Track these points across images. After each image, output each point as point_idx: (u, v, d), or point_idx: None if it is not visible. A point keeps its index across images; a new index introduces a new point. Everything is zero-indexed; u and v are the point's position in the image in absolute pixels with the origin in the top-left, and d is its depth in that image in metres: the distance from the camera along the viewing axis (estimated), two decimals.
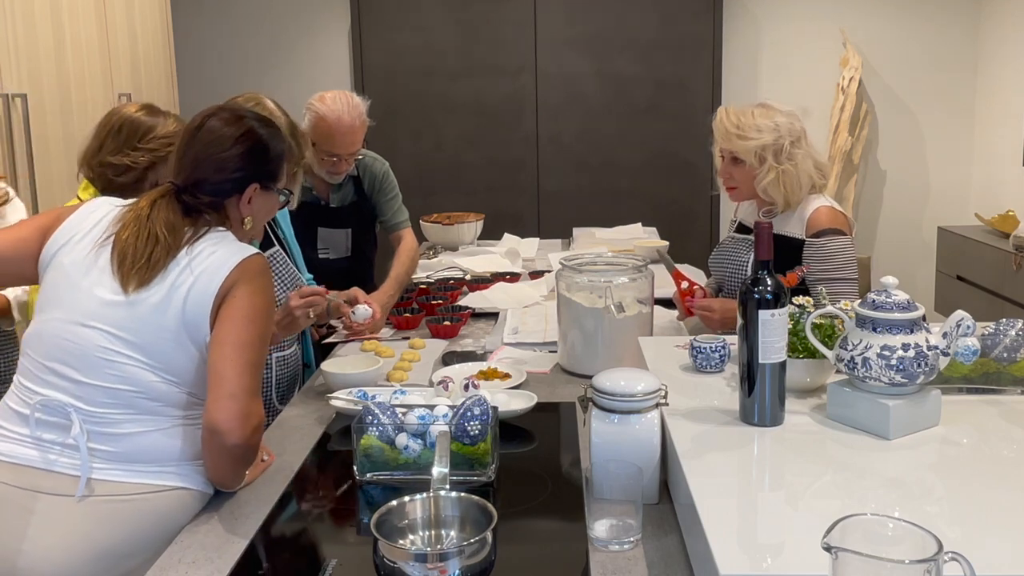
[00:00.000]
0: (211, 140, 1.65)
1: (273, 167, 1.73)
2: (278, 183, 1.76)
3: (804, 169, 2.27)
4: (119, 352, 1.53)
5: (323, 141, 2.75)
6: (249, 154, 1.67)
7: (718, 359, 1.73)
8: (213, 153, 1.65)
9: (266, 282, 1.61)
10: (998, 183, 5.13)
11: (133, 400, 1.54)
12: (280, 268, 2.23)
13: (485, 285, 3.08)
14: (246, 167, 1.67)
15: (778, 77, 5.31)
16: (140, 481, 1.52)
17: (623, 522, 1.36)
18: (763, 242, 1.46)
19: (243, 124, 1.68)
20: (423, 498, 1.37)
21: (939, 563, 0.85)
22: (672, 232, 4.26)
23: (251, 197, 1.69)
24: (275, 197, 1.77)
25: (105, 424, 1.53)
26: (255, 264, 1.60)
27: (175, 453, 1.56)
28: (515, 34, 5.02)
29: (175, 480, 1.54)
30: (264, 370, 2.13)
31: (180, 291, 1.55)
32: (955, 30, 5.27)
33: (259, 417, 1.52)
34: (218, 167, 1.65)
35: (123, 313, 1.54)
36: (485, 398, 1.63)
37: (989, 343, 1.59)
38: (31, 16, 2.98)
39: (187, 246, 1.58)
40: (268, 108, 2.11)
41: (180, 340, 1.55)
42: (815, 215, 2.27)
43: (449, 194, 5.08)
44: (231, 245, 1.61)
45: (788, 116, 2.28)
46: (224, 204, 1.67)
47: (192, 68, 5.09)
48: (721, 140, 2.32)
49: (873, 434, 1.39)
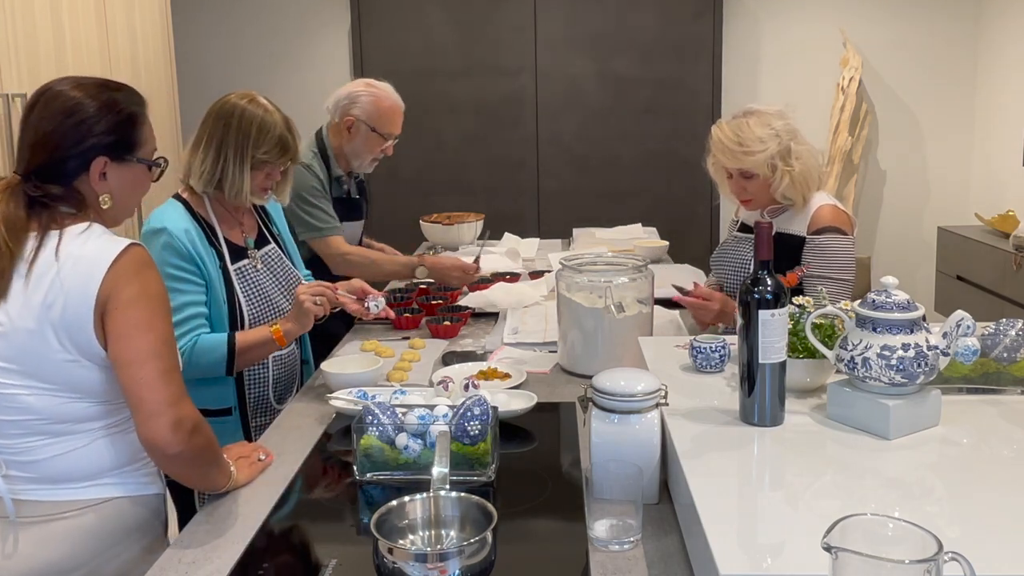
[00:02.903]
0: (42, 118, 1.49)
1: (121, 134, 1.53)
2: (136, 151, 1.56)
3: (812, 163, 2.27)
4: (11, 384, 1.44)
5: (386, 122, 2.93)
6: (82, 124, 1.49)
7: (718, 359, 1.72)
8: (45, 131, 1.48)
9: (146, 275, 1.47)
10: (998, 183, 5.13)
11: (41, 427, 1.46)
12: (275, 265, 2.23)
13: (485, 285, 3.08)
14: (82, 139, 1.49)
15: (778, 77, 5.31)
16: (72, 498, 1.48)
17: (623, 522, 1.36)
18: (763, 242, 1.46)
19: (69, 95, 1.50)
20: (423, 498, 1.37)
21: (939, 563, 0.85)
22: (672, 232, 4.26)
23: (102, 172, 1.52)
24: (140, 169, 1.58)
25: (20, 453, 1.47)
26: (128, 263, 1.45)
27: (104, 465, 1.50)
28: (515, 34, 5.02)
29: (110, 491, 1.50)
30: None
31: (54, 312, 1.42)
32: (955, 30, 5.27)
33: (191, 419, 1.46)
34: (54, 146, 1.48)
35: (3, 344, 1.43)
36: (485, 398, 1.63)
37: (989, 343, 1.59)
38: (31, 16, 2.98)
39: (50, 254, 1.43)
40: (261, 104, 2.10)
41: (74, 360, 1.44)
42: (818, 213, 2.26)
43: (449, 194, 5.08)
44: (95, 244, 1.45)
45: (780, 116, 2.26)
46: (78, 189, 1.51)
47: (192, 68, 5.08)
48: (727, 160, 2.27)
49: (873, 434, 1.39)
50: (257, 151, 2.07)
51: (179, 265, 1.98)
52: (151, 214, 2.05)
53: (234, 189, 2.07)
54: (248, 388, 2.14)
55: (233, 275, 2.09)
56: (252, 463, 1.66)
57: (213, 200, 2.12)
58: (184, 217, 2.04)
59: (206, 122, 2.10)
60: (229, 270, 2.08)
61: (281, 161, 2.12)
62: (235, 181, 2.07)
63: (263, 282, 2.16)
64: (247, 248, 2.17)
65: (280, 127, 2.10)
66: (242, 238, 2.18)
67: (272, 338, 2.02)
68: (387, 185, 5.15)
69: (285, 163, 2.14)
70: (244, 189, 2.08)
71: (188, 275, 1.99)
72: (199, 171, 2.07)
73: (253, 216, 2.26)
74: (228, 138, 2.06)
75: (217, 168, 2.06)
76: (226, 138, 2.06)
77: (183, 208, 2.06)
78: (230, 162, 2.06)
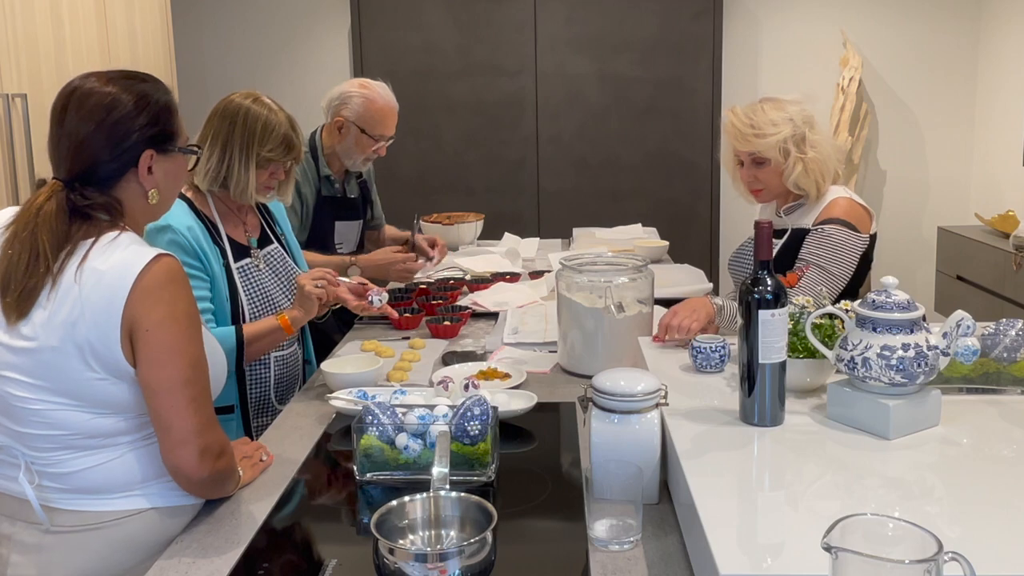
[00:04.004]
0: (79, 120, 1.43)
1: (163, 124, 1.49)
2: (176, 141, 1.53)
3: (828, 153, 2.22)
4: (40, 400, 1.41)
5: (376, 124, 2.90)
6: (123, 120, 1.44)
7: (718, 359, 1.73)
8: (86, 132, 1.42)
9: (175, 291, 1.42)
10: (998, 183, 5.12)
11: (71, 441, 1.44)
12: (278, 265, 2.24)
13: (485, 285, 3.08)
14: (126, 135, 1.44)
15: (778, 77, 5.31)
16: (104, 509, 1.47)
17: (623, 522, 1.36)
18: (763, 242, 1.46)
19: (103, 92, 1.44)
20: (423, 498, 1.37)
21: (939, 563, 0.85)
22: (672, 232, 4.26)
23: (149, 166, 1.47)
24: (181, 159, 1.55)
25: (51, 465, 1.45)
26: (153, 280, 1.39)
27: (135, 476, 1.48)
28: (515, 34, 5.01)
29: (142, 502, 1.48)
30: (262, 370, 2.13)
31: (79, 332, 1.37)
32: (955, 30, 5.27)
33: (219, 444, 1.46)
34: (99, 147, 1.43)
35: (30, 361, 1.40)
36: (485, 398, 1.63)
37: (989, 343, 1.59)
38: (31, 16, 2.98)
39: (73, 269, 1.38)
40: (266, 103, 2.12)
41: (102, 378, 1.41)
42: (833, 204, 2.21)
43: (449, 194, 5.08)
44: (120, 256, 1.40)
45: (797, 104, 2.22)
46: (118, 196, 1.46)
47: (192, 68, 5.08)
48: (739, 143, 2.23)
49: (873, 434, 1.39)
50: (262, 149, 2.08)
51: (185, 262, 1.98)
52: None
53: (239, 187, 2.09)
54: (249, 387, 2.15)
55: (236, 273, 2.10)
56: (255, 464, 1.66)
57: (216, 198, 2.14)
58: (188, 214, 2.05)
59: (211, 121, 2.11)
60: (232, 268, 2.10)
61: (286, 159, 2.14)
62: (240, 179, 2.08)
63: (265, 281, 2.17)
64: (250, 247, 2.18)
65: (285, 126, 2.12)
66: (245, 237, 2.19)
67: (279, 326, 2.04)
68: (387, 185, 5.15)
69: (289, 162, 2.16)
70: (250, 187, 2.09)
71: (194, 271, 2.00)
72: (204, 169, 2.08)
73: (256, 216, 2.27)
74: (234, 136, 2.08)
75: (223, 166, 2.08)
76: (232, 136, 2.08)
77: (186, 206, 2.07)
78: (236, 160, 2.08)
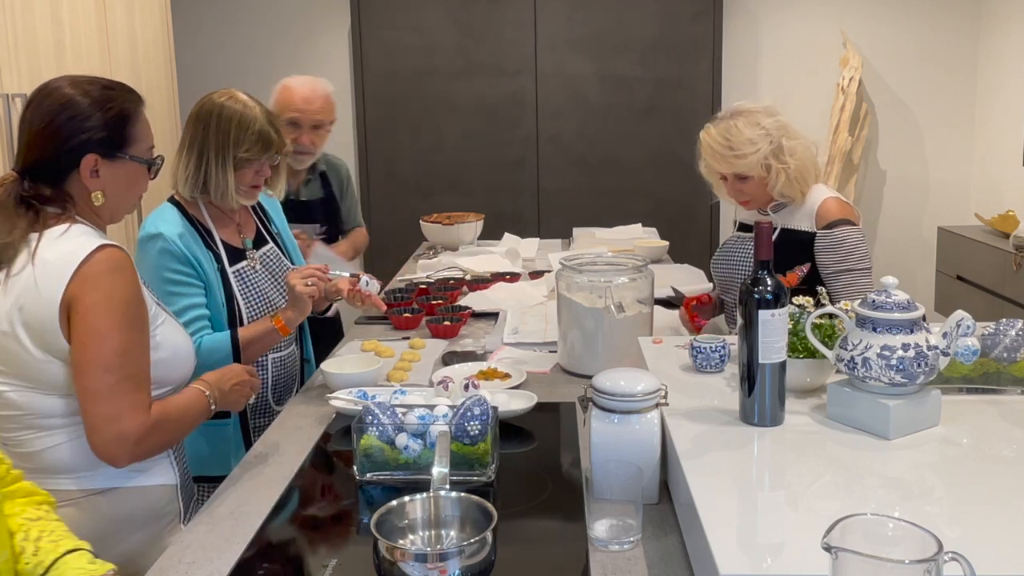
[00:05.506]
0: (36, 115, 1.52)
1: (112, 130, 1.54)
2: (127, 149, 1.56)
3: (807, 156, 2.24)
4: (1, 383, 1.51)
5: (284, 107, 2.86)
6: (73, 120, 1.51)
7: (718, 359, 1.72)
8: (39, 127, 1.51)
9: (114, 279, 1.47)
10: (998, 183, 5.13)
11: (29, 422, 1.52)
12: (274, 265, 2.23)
13: (485, 285, 3.08)
14: (72, 135, 1.50)
15: (778, 77, 5.31)
16: (67, 488, 1.52)
17: (623, 522, 1.36)
18: (763, 242, 1.46)
19: (63, 92, 1.52)
20: (423, 498, 1.37)
21: (939, 563, 0.85)
22: (672, 232, 4.26)
23: (93, 169, 1.53)
24: (133, 166, 1.59)
25: (18, 445, 1.54)
26: (96, 265, 1.46)
27: (93, 457, 1.51)
28: (515, 34, 5.01)
29: (104, 481, 1.55)
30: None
31: (25, 314, 1.45)
32: (955, 30, 5.27)
33: (135, 433, 1.47)
34: (46, 142, 1.50)
35: None
36: (485, 398, 1.63)
37: (989, 343, 1.59)
38: (31, 16, 2.98)
39: (25, 258, 1.46)
40: (240, 100, 2.06)
41: (48, 360, 1.48)
42: (824, 206, 2.23)
43: (449, 194, 5.08)
44: (68, 246, 1.47)
45: (768, 113, 2.22)
46: (69, 192, 1.53)
47: (192, 68, 5.08)
48: (719, 165, 2.24)
49: (873, 434, 1.39)
50: (238, 150, 2.03)
51: (177, 269, 1.98)
52: (147, 218, 2.04)
53: (219, 191, 2.05)
54: None
55: (232, 278, 2.08)
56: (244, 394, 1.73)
57: (207, 202, 2.10)
58: (179, 221, 2.03)
59: (187, 126, 2.07)
60: (227, 273, 2.08)
61: (265, 157, 2.08)
62: (219, 183, 2.04)
63: (262, 284, 2.16)
64: (245, 249, 2.16)
65: (260, 122, 2.05)
66: (239, 239, 2.16)
67: (274, 328, 2.03)
68: (387, 185, 5.16)
69: (270, 158, 2.09)
70: (229, 191, 2.05)
71: (187, 278, 1.99)
72: (184, 176, 2.05)
73: (251, 216, 2.24)
74: (208, 141, 2.03)
75: (200, 172, 2.04)
76: (206, 141, 2.03)
77: (178, 211, 2.05)
78: (212, 164, 2.03)
